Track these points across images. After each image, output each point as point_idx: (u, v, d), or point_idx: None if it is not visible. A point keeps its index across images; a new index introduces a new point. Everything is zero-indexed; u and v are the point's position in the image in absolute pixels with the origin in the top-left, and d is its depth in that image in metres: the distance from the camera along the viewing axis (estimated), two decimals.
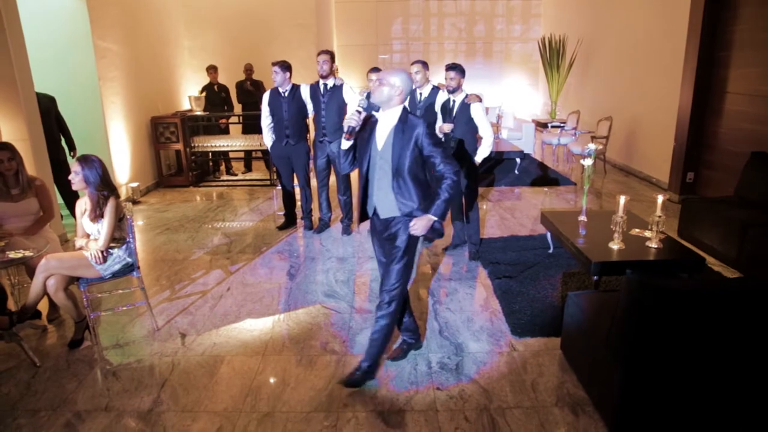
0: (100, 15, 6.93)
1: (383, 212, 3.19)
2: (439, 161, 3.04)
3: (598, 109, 9.74)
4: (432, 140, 3.04)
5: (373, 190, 3.18)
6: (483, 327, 4.01)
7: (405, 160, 3.02)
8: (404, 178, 3.06)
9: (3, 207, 4.10)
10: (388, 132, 3.08)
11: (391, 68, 3.25)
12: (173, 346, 3.83)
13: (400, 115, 3.09)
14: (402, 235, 3.13)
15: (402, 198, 3.09)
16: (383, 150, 3.09)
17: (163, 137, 8.21)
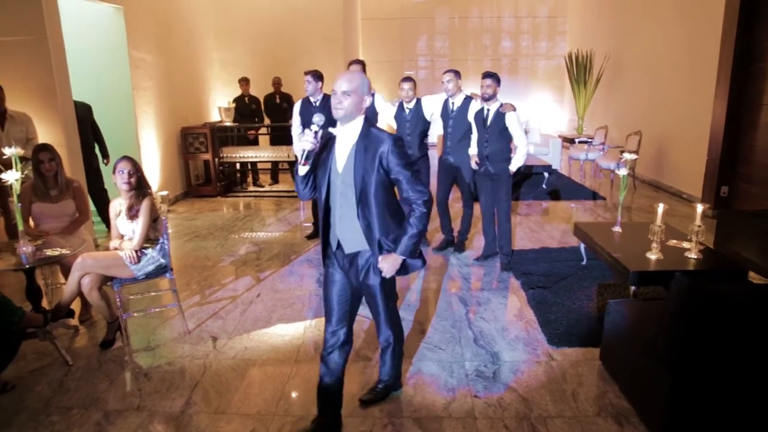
0: (135, 26, 7.07)
1: (348, 245, 2.69)
2: (406, 186, 2.56)
3: (627, 124, 9.64)
4: (400, 159, 2.53)
5: (335, 219, 2.67)
6: (518, 336, 3.92)
7: (369, 184, 2.54)
8: (369, 205, 2.57)
9: (41, 207, 4.14)
10: (348, 151, 2.58)
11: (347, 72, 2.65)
12: (204, 349, 3.81)
13: (360, 129, 2.58)
14: (374, 275, 2.69)
15: (369, 228, 2.60)
16: (344, 172, 2.58)
17: (193, 147, 8.29)
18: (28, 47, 5.30)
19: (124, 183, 3.77)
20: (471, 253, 5.66)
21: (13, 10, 5.24)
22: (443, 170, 5.59)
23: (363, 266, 2.70)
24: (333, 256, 2.77)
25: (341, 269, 2.76)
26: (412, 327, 4.08)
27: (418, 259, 2.76)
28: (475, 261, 5.44)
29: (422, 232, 2.61)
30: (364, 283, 2.73)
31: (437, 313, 4.32)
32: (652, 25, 9.09)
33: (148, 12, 7.50)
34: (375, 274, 2.68)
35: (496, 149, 5.05)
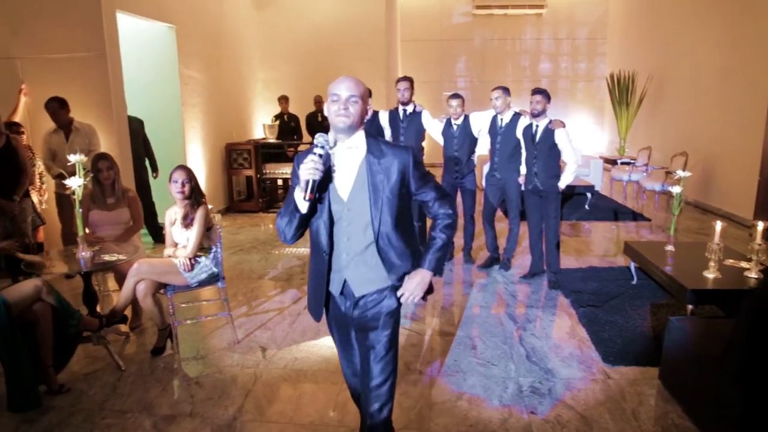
0: (186, 44, 7.28)
1: (359, 288, 2.19)
2: (432, 198, 2.20)
3: (671, 145, 9.46)
4: (421, 172, 2.18)
5: (340, 258, 2.18)
6: (572, 354, 3.82)
7: (392, 209, 2.11)
8: (391, 235, 2.14)
9: (98, 215, 4.24)
10: (355, 171, 2.12)
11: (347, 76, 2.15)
12: (254, 358, 3.81)
13: (366, 145, 2.14)
14: (384, 313, 2.20)
15: (392, 262, 2.17)
16: (351, 199, 2.11)
17: (236, 163, 8.44)
18: (89, 63, 5.51)
19: (178, 192, 3.83)
20: (516, 271, 5.58)
21: (77, 28, 5.48)
22: (490, 187, 5.55)
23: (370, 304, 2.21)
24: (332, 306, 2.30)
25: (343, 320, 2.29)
26: (462, 342, 4.01)
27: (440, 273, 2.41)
28: (522, 279, 5.35)
29: (449, 243, 2.25)
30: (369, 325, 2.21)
31: (486, 329, 4.25)
32: (698, 43, 8.95)
33: (199, 32, 7.72)
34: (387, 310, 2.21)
35: (545, 166, 5.00)
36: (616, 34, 12.94)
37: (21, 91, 5.59)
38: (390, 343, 2.23)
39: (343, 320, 2.31)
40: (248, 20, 9.78)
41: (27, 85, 5.61)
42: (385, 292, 2.21)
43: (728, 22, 8.04)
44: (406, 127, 5.65)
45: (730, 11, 7.96)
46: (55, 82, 5.46)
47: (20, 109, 5.58)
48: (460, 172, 5.57)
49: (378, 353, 2.21)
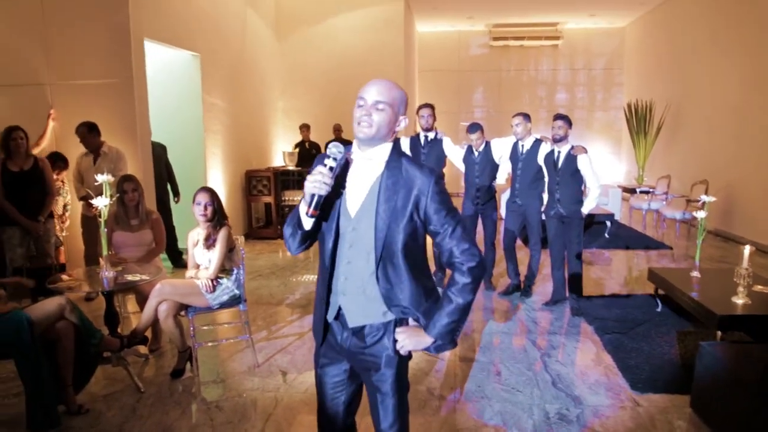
0: (210, 72, 7.42)
1: (353, 318, 1.91)
2: (449, 243, 1.83)
3: (690, 174, 9.38)
4: (443, 205, 1.83)
5: (338, 281, 1.91)
6: (599, 381, 3.73)
7: (397, 236, 1.82)
8: (396, 264, 1.85)
9: (122, 236, 4.27)
10: (368, 187, 1.86)
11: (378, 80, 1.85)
12: (275, 382, 3.76)
13: (388, 159, 1.86)
14: (384, 353, 1.91)
15: (392, 296, 1.86)
16: (359, 217, 1.86)
17: (256, 190, 8.50)
18: (116, 88, 5.63)
19: (201, 214, 3.84)
20: (538, 298, 5.50)
21: (106, 55, 5.62)
22: (511, 213, 5.51)
23: (371, 341, 1.91)
24: (329, 337, 2.00)
25: (337, 351, 1.99)
26: (485, 368, 3.94)
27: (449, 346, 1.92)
28: (544, 306, 5.26)
29: (465, 309, 1.83)
30: (371, 365, 1.93)
31: (509, 355, 4.17)
32: (716, 71, 8.95)
33: (222, 60, 7.88)
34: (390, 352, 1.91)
35: (568, 192, 4.98)
36: (633, 64, 12.99)
37: (49, 116, 5.71)
38: (396, 384, 1.93)
39: (336, 351, 1.99)
40: (269, 50, 9.97)
41: (55, 110, 5.74)
42: (387, 327, 1.90)
43: (746, 50, 8.04)
44: (427, 153, 5.67)
45: (748, 39, 7.97)
46: (83, 108, 5.58)
47: (48, 134, 5.69)
48: (481, 199, 5.56)
49: (384, 395, 1.93)
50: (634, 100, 11.19)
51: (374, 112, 1.79)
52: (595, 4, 11.35)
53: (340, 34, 10.24)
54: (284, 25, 10.34)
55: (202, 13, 7.26)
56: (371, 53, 10.16)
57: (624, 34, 13.32)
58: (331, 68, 10.27)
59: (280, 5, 10.27)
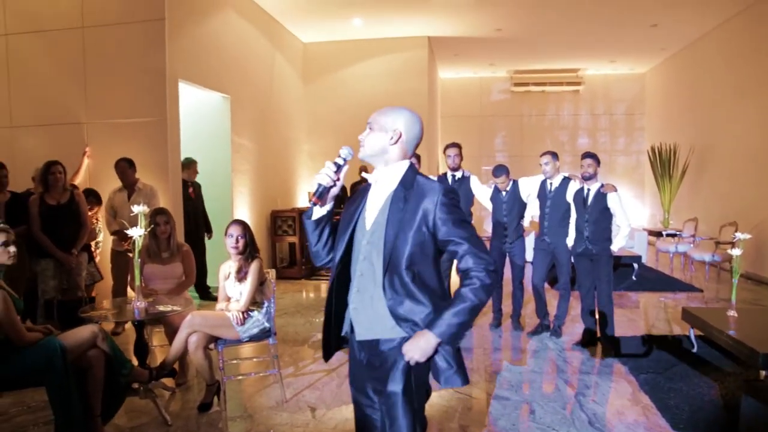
0: (239, 113, 7.61)
1: (363, 331, 1.95)
2: (463, 249, 1.87)
3: (717, 216, 9.25)
4: (451, 215, 1.87)
5: (351, 295, 1.99)
6: (638, 421, 3.59)
7: (404, 246, 1.86)
8: (401, 276, 1.87)
9: (152, 268, 4.29)
10: (383, 201, 1.97)
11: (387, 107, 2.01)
12: (303, 418, 3.68)
13: (402, 175, 1.97)
14: (395, 368, 1.88)
15: (398, 308, 1.87)
16: (373, 229, 1.94)
17: (281, 230, 8.55)
18: (150, 127, 5.81)
19: (232, 247, 3.87)
20: (568, 338, 5.37)
21: (142, 95, 5.85)
22: (540, 252, 5.46)
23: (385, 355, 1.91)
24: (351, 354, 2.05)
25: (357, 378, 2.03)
26: (518, 406, 3.82)
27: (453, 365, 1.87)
28: (575, 346, 5.14)
29: (475, 309, 1.83)
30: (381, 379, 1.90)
31: (543, 394, 4.05)
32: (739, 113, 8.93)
33: (251, 102, 8.08)
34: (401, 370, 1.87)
35: (597, 229, 4.94)
36: (655, 109, 13.04)
37: (85, 153, 5.87)
38: (405, 407, 1.84)
39: (356, 371, 2.04)
40: (295, 93, 10.21)
41: (90, 147, 5.89)
42: (397, 343, 1.89)
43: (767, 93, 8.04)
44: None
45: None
46: (117, 145, 5.74)
47: (82, 170, 5.84)
48: (509, 238, 5.52)
49: (392, 420, 1.85)
50: (657, 144, 11.18)
51: (366, 133, 1.99)
52: (616, 51, 11.50)
53: (364, 80, 10.46)
54: (310, 69, 10.61)
55: (233, 57, 7.50)
56: (395, 98, 10.32)
57: (645, 80, 13.42)
58: (355, 112, 10.39)
59: (307, 50, 10.56)
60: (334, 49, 10.48)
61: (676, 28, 9.82)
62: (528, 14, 9.03)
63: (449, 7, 8.61)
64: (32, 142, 6.06)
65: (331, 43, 10.45)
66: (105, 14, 5.92)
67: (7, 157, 5.07)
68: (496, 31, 9.90)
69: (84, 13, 5.95)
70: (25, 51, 6.16)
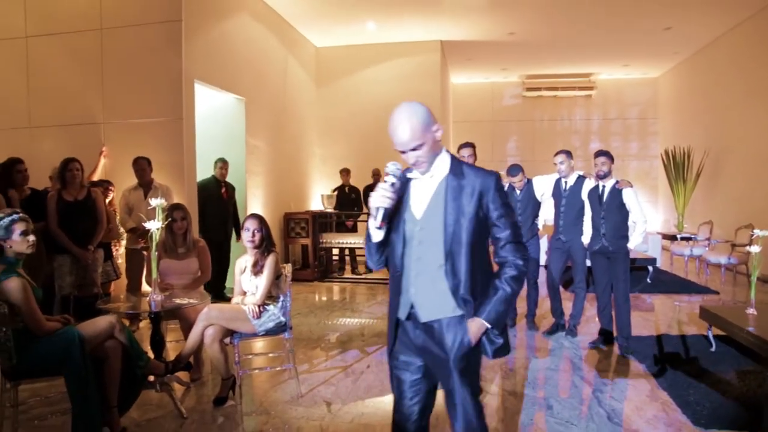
0: (253, 116, 7.66)
1: (426, 312, 2.06)
2: (505, 239, 2.04)
3: (732, 220, 9.16)
4: (502, 201, 2.05)
5: (409, 278, 2.08)
6: (657, 416, 3.54)
7: (463, 230, 2.00)
8: (461, 257, 2.00)
9: (168, 263, 4.31)
10: (433, 189, 2.08)
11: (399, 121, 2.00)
12: (319, 412, 3.67)
13: (449, 165, 2.09)
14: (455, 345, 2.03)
15: (459, 290, 2.01)
16: (426, 217, 2.06)
17: (294, 232, 8.56)
18: (166, 126, 5.87)
19: (249, 241, 3.88)
20: (584, 337, 5.32)
21: (158, 95, 5.92)
22: (555, 251, 5.42)
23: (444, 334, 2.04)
24: (401, 333, 2.15)
25: (411, 349, 2.13)
26: (536, 402, 3.79)
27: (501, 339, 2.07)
28: (591, 345, 5.09)
29: (514, 297, 2.06)
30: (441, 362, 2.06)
31: (560, 390, 4.02)
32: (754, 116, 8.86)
33: (265, 105, 8.14)
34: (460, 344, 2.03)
35: (613, 226, 4.89)
36: (668, 113, 12.97)
37: (101, 153, 5.92)
38: (467, 379, 2.03)
39: (411, 350, 2.13)
40: (308, 97, 10.27)
41: (107, 147, 5.95)
42: (458, 322, 2.04)
43: None
44: None
45: None
46: (134, 145, 5.79)
47: (99, 169, 5.89)
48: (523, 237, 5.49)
49: (456, 392, 2.04)
50: (671, 147, 11.11)
51: (416, 156, 2.01)
52: (629, 55, 11.47)
53: (377, 84, 10.50)
54: (323, 73, 10.67)
55: (248, 59, 7.55)
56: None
57: (657, 84, 13.36)
58: (368, 116, 10.47)
59: (319, 55, 10.63)
60: (346, 54, 10.54)
61: (690, 31, 9.77)
62: (541, 18, 9.03)
63: (462, 10, 8.63)
64: (50, 142, 6.13)
65: (344, 47, 10.51)
66: (123, 16, 5.99)
67: (26, 157, 5.11)
68: (509, 34, 9.90)
69: (102, 15, 6.02)
70: (44, 53, 6.25)
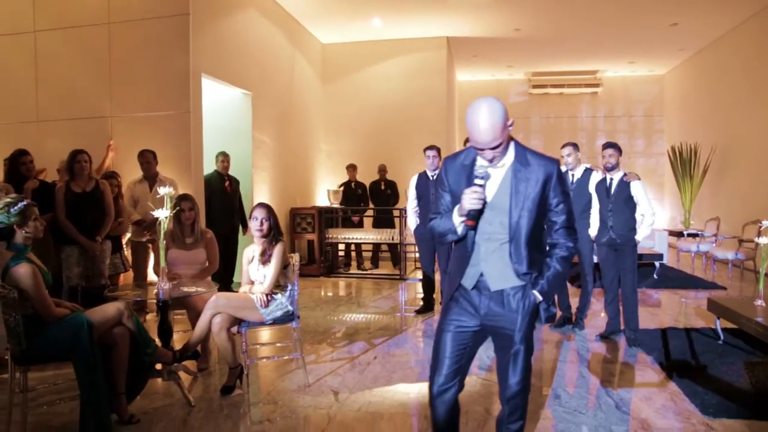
0: (260, 110, 7.68)
1: (495, 282, 2.28)
2: (561, 224, 2.29)
3: (739, 216, 9.12)
4: (562, 188, 2.28)
5: (479, 253, 2.30)
6: (666, 405, 3.53)
7: (526, 213, 2.21)
8: (522, 238, 2.23)
9: (176, 254, 4.32)
10: (502, 175, 2.27)
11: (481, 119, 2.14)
12: (326, 401, 3.67)
13: (515, 152, 2.28)
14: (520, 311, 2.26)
15: (521, 265, 2.25)
16: (495, 200, 2.25)
17: (300, 227, 8.57)
18: (173, 120, 5.89)
19: (257, 229, 3.88)
20: (591, 330, 5.31)
21: (165, 89, 5.93)
22: None
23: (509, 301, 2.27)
24: (462, 299, 2.36)
25: (471, 313, 2.33)
26: (544, 393, 3.78)
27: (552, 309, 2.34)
28: (598, 337, 5.07)
29: (560, 276, 2.30)
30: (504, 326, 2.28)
31: (569, 381, 4.01)
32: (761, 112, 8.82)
33: (272, 100, 8.16)
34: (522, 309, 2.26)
35: (621, 219, 4.88)
36: (674, 110, 12.92)
37: (109, 146, 5.94)
38: (526, 343, 2.28)
39: (472, 314, 2.34)
40: (315, 94, 10.27)
41: (114, 141, 5.97)
42: (520, 290, 2.27)
43: None
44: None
45: None
46: (141, 138, 5.81)
47: (106, 162, 5.91)
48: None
49: (516, 353, 2.27)
50: (678, 144, 11.08)
51: (495, 150, 2.17)
52: (635, 52, 11.43)
53: (383, 81, 10.50)
54: (329, 70, 10.68)
55: (254, 55, 7.57)
56: (414, 99, 10.35)
57: (664, 82, 13.32)
58: (374, 113, 10.48)
59: (325, 51, 10.64)
60: (352, 50, 10.54)
61: (696, 28, 9.74)
62: (546, 14, 9.02)
63: (468, 6, 8.62)
64: (58, 136, 6.15)
65: (350, 44, 10.52)
66: (130, 10, 6.02)
67: (34, 151, 5.13)
68: (515, 31, 9.89)
69: (110, 9, 6.05)
70: (52, 47, 6.28)
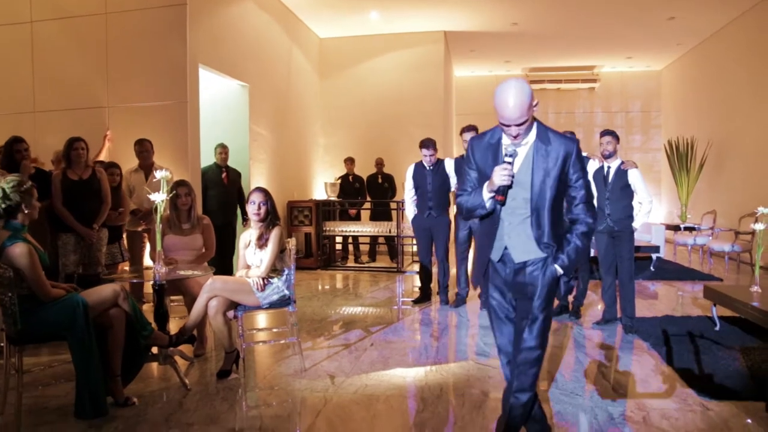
0: (257, 103, 7.68)
1: (518, 255, 2.43)
2: (580, 199, 2.42)
3: (735, 209, 9.14)
4: (581, 165, 2.40)
5: (503, 228, 2.44)
6: (661, 388, 3.54)
7: (547, 189, 2.35)
8: (544, 213, 2.37)
9: (173, 239, 4.31)
10: (524, 153, 2.40)
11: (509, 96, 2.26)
12: (323, 384, 3.67)
13: (537, 131, 2.40)
14: (541, 280, 2.41)
15: (543, 238, 2.39)
16: (518, 177, 2.37)
17: (297, 220, 8.57)
18: (170, 110, 5.90)
19: (254, 213, 3.88)
20: (588, 319, 5.32)
21: (162, 79, 5.95)
22: None
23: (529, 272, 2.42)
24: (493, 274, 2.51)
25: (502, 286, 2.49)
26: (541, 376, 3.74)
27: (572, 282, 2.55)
28: (595, 325, 5.08)
29: (580, 251, 2.44)
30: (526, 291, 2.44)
31: (565, 364, 4.02)
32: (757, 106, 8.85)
33: (269, 93, 8.16)
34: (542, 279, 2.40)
35: (619, 206, 4.88)
36: (671, 105, 12.95)
37: (105, 137, 5.93)
38: (546, 309, 2.41)
39: (502, 286, 2.51)
40: (312, 87, 10.27)
41: (111, 131, 5.97)
42: (542, 262, 2.41)
43: None
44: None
45: None
46: (138, 128, 5.80)
47: (103, 153, 5.90)
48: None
49: (535, 318, 2.40)
50: (674, 138, 11.09)
51: (521, 127, 2.30)
52: (632, 47, 11.45)
53: (380, 75, 10.50)
54: (326, 64, 10.68)
55: (251, 46, 7.56)
56: (411, 93, 10.36)
57: (661, 77, 13.34)
58: (371, 107, 10.48)
59: (323, 45, 10.64)
60: (349, 44, 10.54)
61: (693, 22, 9.75)
62: (544, 7, 9.02)
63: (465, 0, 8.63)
64: (55, 126, 6.14)
65: (347, 38, 10.51)
66: (127, 0, 6.01)
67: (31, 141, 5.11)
68: (512, 25, 9.90)
69: None
70: (49, 37, 6.27)
